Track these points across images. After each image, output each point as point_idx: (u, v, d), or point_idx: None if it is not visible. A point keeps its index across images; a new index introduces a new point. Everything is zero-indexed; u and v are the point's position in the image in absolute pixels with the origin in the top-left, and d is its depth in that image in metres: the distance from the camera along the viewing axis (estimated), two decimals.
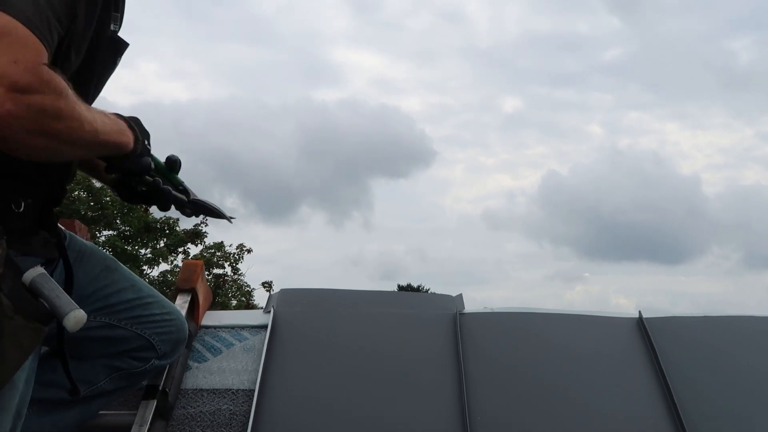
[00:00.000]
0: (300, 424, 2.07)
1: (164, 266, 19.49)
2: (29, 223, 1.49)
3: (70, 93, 1.28)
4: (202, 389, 2.21)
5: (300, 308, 2.53)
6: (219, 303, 17.64)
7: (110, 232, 18.39)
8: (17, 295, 1.35)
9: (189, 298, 2.40)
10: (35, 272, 1.40)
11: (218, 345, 2.37)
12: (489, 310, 2.58)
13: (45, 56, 1.25)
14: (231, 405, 2.15)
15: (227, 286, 19.83)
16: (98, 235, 17.85)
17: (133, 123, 1.53)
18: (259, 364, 2.23)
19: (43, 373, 1.67)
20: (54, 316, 1.37)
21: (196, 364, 2.29)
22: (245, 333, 2.41)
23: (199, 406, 2.15)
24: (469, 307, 2.61)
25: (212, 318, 2.49)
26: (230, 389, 2.21)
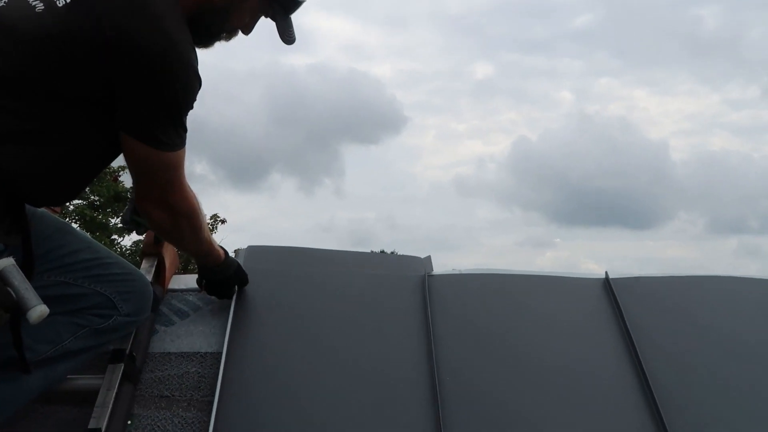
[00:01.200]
0: (268, 385, 2.07)
1: (135, 236, 19.29)
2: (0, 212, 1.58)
3: (198, 209, 1.94)
4: (169, 353, 2.20)
5: (267, 266, 2.51)
6: (192, 271, 17.54)
7: (79, 201, 18.15)
8: None
9: (155, 262, 2.38)
10: (7, 262, 1.51)
11: (185, 308, 2.35)
12: (457, 272, 2.59)
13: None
14: (199, 368, 2.14)
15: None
16: (68, 204, 17.60)
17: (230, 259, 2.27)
18: (226, 326, 2.22)
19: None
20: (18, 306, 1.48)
21: (163, 328, 2.28)
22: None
23: (166, 369, 2.14)
24: (439, 271, 2.61)
25: (179, 282, 2.47)
26: (198, 352, 2.19)
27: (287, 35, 1.94)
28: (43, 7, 1.61)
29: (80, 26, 1.59)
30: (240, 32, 1.97)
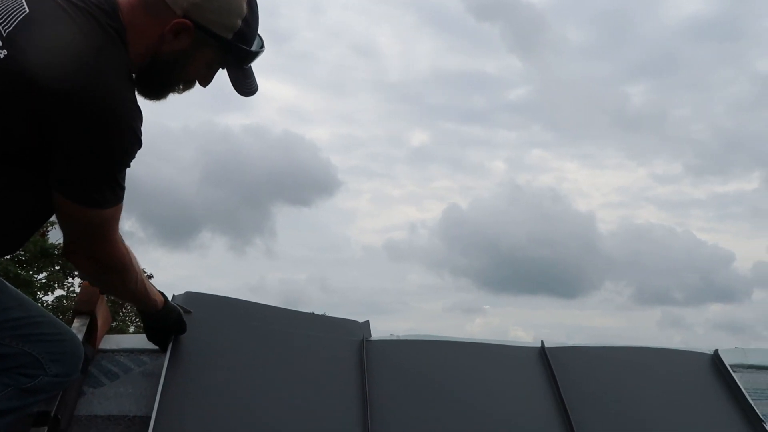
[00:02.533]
0: None
1: (60, 291, 18.71)
2: None
3: (129, 265, 1.89)
4: (96, 415, 2.12)
5: (204, 314, 2.42)
6: (115, 328, 17.05)
7: (4, 257, 17.53)
8: None
9: (87, 321, 2.30)
10: None
11: (115, 370, 2.28)
12: (395, 338, 2.59)
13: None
14: (126, 431, 2.06)
15: (125, 311, 19.17)
16: None
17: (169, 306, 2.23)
18: (157, 388, 2.15)
19: None
20: None
21: (91, 390, 2.20)
22: (144, 357, 2.32)
23: None
24: (375, 336, 2.60)
25: (110, 342, 2.39)
26: (126, 415, 2.12)
27: (245, 87, 1.88)
28: None
29: (13, 82, 1.54)
30: (198, 84, 1.90)
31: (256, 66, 1.92)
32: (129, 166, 1.72)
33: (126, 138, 1.64)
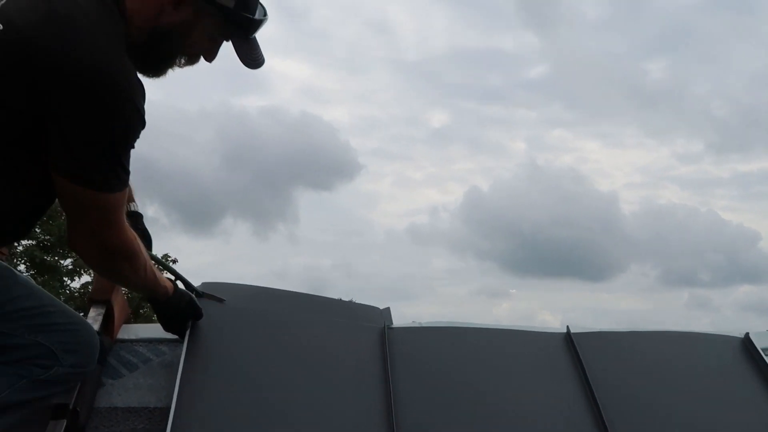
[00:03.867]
0: None
1: (86, 278, 18.90)
2: None
3: (138, 251, 1.83)
4: (116, 407, 2.10)
5: (220, 314, 2.39)
6: (143, 315, 17.19)
7: (29, 242, 17.70)
8: None
9: (103, 311, 2.28)
10: None
11: (134, 360, 2.26)
12: (417, 324, 2.54)
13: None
14: (147, 424, 2.04)
15: None
16: (16, 244, 17.17)
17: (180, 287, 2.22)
18: (176, 379, 2.12)
19: None
20: None
21: (110, 381, 2.18)
22: (163, 347, 2.30)
23: (113, 425, 2.04)
24: (398, 322, 2.56)
25: (128, 331, 2.37)
26: (147, 407, 2.10)
27: (251, 58, 1.82)
28: None
29: (9, 55, 1.50)
30: (203, 59, 1.85)
31: (271, 44, 1.87)
32: (133, 147, 1.66)
33: (126, 112, 1.58)
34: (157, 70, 1.80)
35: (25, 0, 1.55)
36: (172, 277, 2.25)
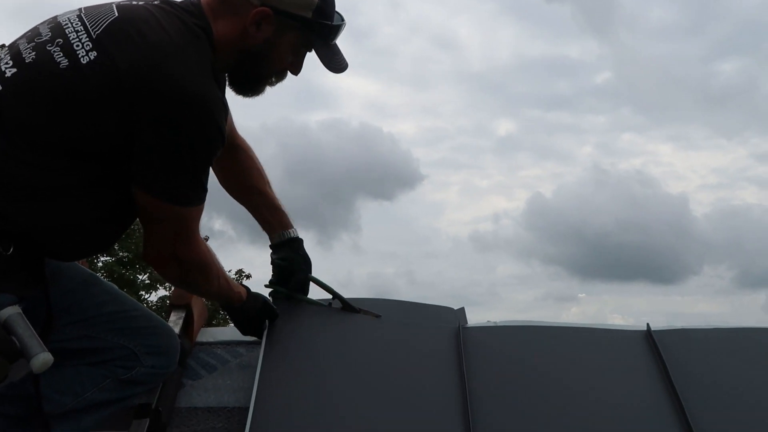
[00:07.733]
0: None
1: (163, 291, 19.39)
2: (16, 264, 1.57)
3: (210, 263, 1.89)
4: (196, 407, 2.14)
5: (295, 315, 2.41)
6: (218, 323, 17.54)
7: (108, 258, 18.30)
8: None
9: (183, 315, 2.34)
10: (12, 310, 1.49)
11: (213, 362, 2.30)
12: (492, 324, 2.51)
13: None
14: (226, 423, 2.08)
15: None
16: (96, 260, 17.78)
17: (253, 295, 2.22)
18: (254, 380, 2.15)
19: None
20: (22, 355, 1.46)
21: (190, 382, 2.22)
22: (240, 349, 2.33)
23: (193, 424, 2.08)
24: (473, 323, 2.53)
25: (207, 335, 2.42)
26: (225, 407, 2.13)
27: (335, 63, 1.86)
28: (67, 64, 1.59)
29: (101, 83, 1.58)
30: (289, 73, 1.91)
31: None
32: (211, 164, 1.73)
33: (208, 130, 1.65)
34: (254, 90, 1.88)
35: (119, 30, 1.62)
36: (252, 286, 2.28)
